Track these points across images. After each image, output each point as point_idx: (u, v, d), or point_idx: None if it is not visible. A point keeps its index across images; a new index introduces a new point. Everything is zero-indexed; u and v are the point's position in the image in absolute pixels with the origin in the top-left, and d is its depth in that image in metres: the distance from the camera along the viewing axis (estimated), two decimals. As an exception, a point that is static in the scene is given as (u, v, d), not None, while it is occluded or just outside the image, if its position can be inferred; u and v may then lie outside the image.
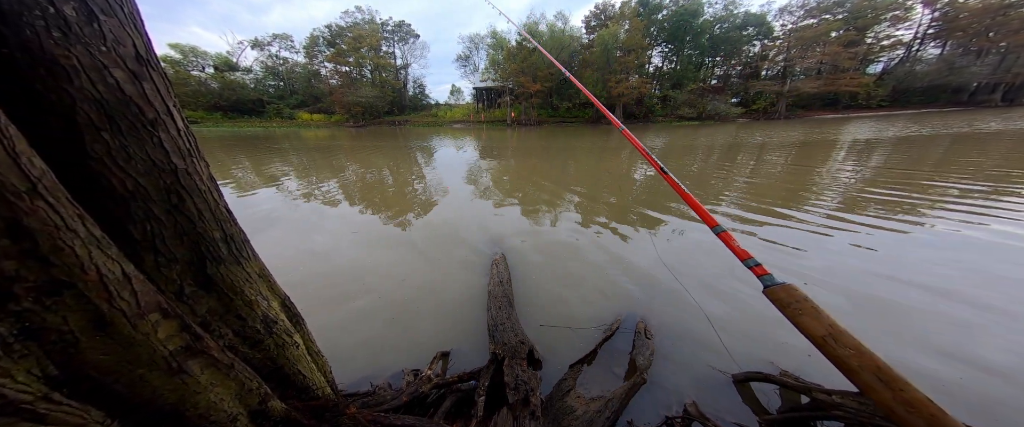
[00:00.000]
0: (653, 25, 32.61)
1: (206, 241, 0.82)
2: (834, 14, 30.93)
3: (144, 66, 0.68)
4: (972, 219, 4.06)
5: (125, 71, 0.64)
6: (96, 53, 0.60)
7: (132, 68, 0.65)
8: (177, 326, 0.69)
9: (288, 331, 1.02)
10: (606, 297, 2.66)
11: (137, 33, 0.67)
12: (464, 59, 40.43)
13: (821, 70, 32.31)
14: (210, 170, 0.86)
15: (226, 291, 0.86)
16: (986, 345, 2.03)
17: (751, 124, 25.31)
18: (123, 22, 0.65)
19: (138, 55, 0.67)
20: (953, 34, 30.80)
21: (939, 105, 30.82)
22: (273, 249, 3.74)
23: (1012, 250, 3.27)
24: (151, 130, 0.69)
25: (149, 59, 0.69)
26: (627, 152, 11.51)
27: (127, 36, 0.65)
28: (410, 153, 12.47)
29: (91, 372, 0.58)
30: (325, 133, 24.81)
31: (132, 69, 0.65)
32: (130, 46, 0.65)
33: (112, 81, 0.62)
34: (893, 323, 2.28)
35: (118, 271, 0.60)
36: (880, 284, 2.71)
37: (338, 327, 2.37)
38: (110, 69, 0.62)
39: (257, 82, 41.12)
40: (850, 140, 12.52)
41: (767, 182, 6.33)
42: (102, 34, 0.61)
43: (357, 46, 35.77)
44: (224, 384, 0.76)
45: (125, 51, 0.64)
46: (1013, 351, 1.98)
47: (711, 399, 1.70)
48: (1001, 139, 10.76)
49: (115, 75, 0.63)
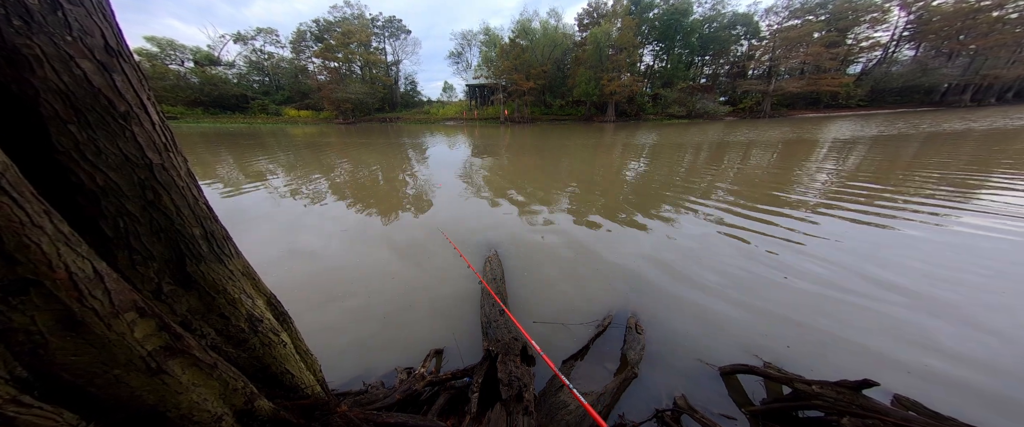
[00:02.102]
0: (644, 23, 32.93)
1: (185, 238, 0.79)
2: (817, 15, 31.87)
3: (114, 57, 0.65)
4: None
5: (93, 62, 0.61)
6: (61, 43, 0.57)
7: (101, 59, 0.62)
8: (155, 325, 0.66)
9: (274, 330, 1.00)
10: (598, 293, 2.70)
11: (106, 23, 0.64)
12: (456, 56, 40.00)
13: (804, 70, 33.28)
14: (189, 166, 0.83)
15: (207, 289, 0.84)
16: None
17: (738, 123, 25.93)
18: (90, 11, 0.61)
19: (107, 45, 0.64)
20: (926, 37, 32.17)
21: (913, 105, 32.21)
22: (261, 248, 3.65)
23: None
24: (123, 123, 0.66)
25: (120, 50, 0.66)
26: (619, 151, 11.63)
27: (95, 26, 0.62)
28: (402, 150, 12.31)
29: (63, 373, 0.56)
30: (314, 130, 24.22)
31: (101, 60, 0.62)
32: (98, 36, 0.62)
33: (79, 72, 0.59)
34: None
35: (88, 269, 0.57)
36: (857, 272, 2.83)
37: (329, 327, 2.33)
38: (76, 60, 0.59)
39: (241, 77, 39.76)
40: (831, 139, 12.96)
41: (753, 178, 6.50)
42: (67, 23, 0.58)
43: (346, 42, 34.95)
44: (207, 384, 0.74)
45: (93, 41, 0.61)
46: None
47: (699, 391, 1.75)
48: (967, 139, 11.32)
49: (82, 66, 0.60)
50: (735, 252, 3.38)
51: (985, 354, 1.97)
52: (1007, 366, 1.88)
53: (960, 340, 2.08)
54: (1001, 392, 1.72)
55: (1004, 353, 1.98)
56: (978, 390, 1.73)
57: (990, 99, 32.48)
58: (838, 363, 1.93)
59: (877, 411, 1.21)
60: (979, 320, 2.25)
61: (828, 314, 2.37)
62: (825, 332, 2.19)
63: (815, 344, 2.09)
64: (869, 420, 1.17)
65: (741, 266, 3.07)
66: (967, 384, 1.76)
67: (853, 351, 2.02)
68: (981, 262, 3.02)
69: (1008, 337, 2.10)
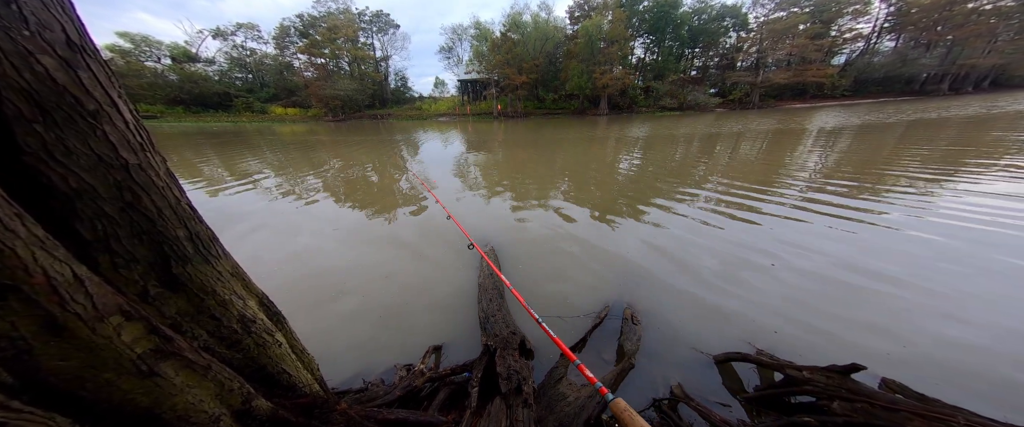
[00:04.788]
0: (635, 16, 32.88)
1: (168, 240, 0.76)
2: (802, 7, 32.31)
3: (78, 53, 0.61)
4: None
5: (55, 58, 0.58)
6: (18, 38, 0.54)
7: (63, 54, 0.59)
8: (144, 328, 0.64)
9: (268, 330, 0.98)
10: (594, 286, 2.72)
11: (66, 17, 0.61)
12: (447, 50, 39.28)
13: (791, 62, 33.84)
14: (168, 165, 0.80)
15: (196, 291, 0.81)
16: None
17: (728, 114, 26.27)
18: (47, 4, 0.58)
19: (69, 41, 0.60)
20: (906, 28, 33.00)
21: (894, 94, 33.12)
22: (252, 249, 3.57)
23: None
24: (93, 122, 0.63)
25: (83, 45, 0.63)
26: (612, 144, 11.68)
27: (53, 20, 0.58)
28: (394, 147, 12.12)
29: (51, 378, 0.54)
30: (302, 128, 23.65)
31: (63, 56, 0.59)
32: (58, 31, 0.59)
33: (40, 69, 0.56)
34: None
35: (68, 273, 0.55)
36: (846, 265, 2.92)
37: (327, 326, 2.31)
38: (36, 55, 0.56)
39: (222, 74, 38.39)
40: (817, 129, 13.25)
41: (744, 168, 6.62)
42: (22, 17, 0.54)
43: (332, 37, 33.98)
44: (202, 385, 0.72)
45: (53, 36, 0.58)
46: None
47: (695, 380, 1.79)
48: (945, 125, 11.72)
49: (43, 62, 0.56)
50: (726, 241, 3.45)
51: (971, 338, 2.06)
52: (990, 347, 1.97)
53: (945, 325, 2.17)
54: (980, 372, 1.80)
55: (990, 336, 2.07)
56: (963, 372, 1.81)
57: (967, 87, 33.60)
58: (826, 349, 2.00)
59: (865, 394, 1.25)
60: (965, 306, 2.35)
61: (816, 300, 2.44)
62: (813, 318, 2.26)
63: (804, 330, 2.16)
64: (857, 403, 1.20)
65: (732, 254, 3.14)
66: (952, 366, 1.84)
67: (841, 337, 2.09)
68: (969, 250, 3.14)
69: (994, 321, 2.20)
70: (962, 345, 1.96)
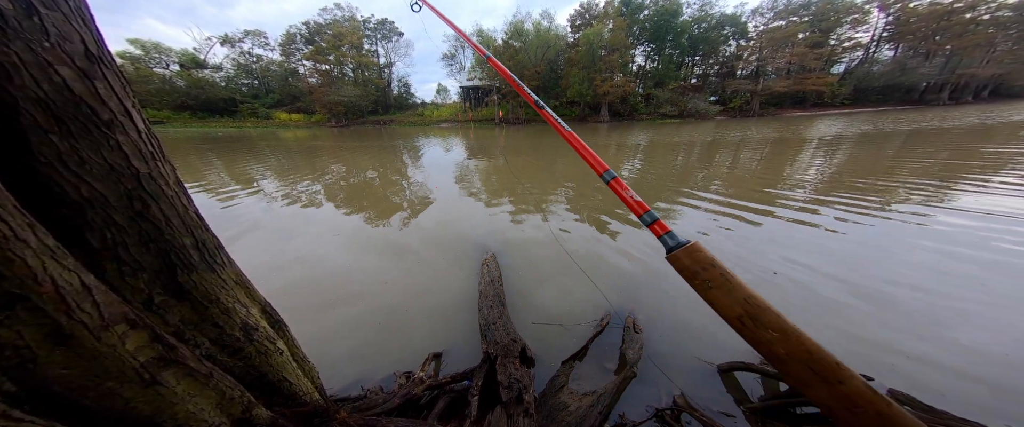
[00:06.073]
0: (636, 24, 33.41)
1: (175, 248, 0.77)
2: (801, 16, 32.79)
3: (95, 64, 0.63)
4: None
5: (73, 69, 0.60)
6: (38, 49, 0.55)
7: (81, 66, 0.61)
8: (147, 337, 0.65)
9: (270, 338, 0.98)
10: (595, 293, 2.71)
11: (86, 28, 0.63)
12: (450, 58, 39.91)
13: (790, 70, 34.14)
14: (177, 174, 0.82)
15: (200, 299, 0.82)
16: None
17: (728, 122, 26.39)
18: (68, 16, 0.60)
19: (88, 52, 0.62)
20: (904, 37, 33.39)
21: (893, 103, 33.28)
22: (254, 255, 3.58)
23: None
24: (107, 132, 0.64)
25: (101, 56, 0.64)
26: (613, 151, 11.74)
27: (74, 31, 0.60)
28: (397, 153, 12.22)
29: (54, 387, 0.55)
30: (306, 133, 23.89)
31: (81, 67, 0.61)
32: (78, 42, 0.61)
33: (58, 80, 0.58)
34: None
35: (76, 282, 0.56)
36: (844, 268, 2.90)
37: (326, 333, 2.29)
38: (55, 67, 0.57)
39: (229, 80, 39.08)
40: (817, 137, 13.28)
41: (745, 175, 6.63)
42: (44, 29, 0.56)
43: (337, 44, 34.66)
44: (203, 394, 0.72)
45: (72, 48, 0.60)
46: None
47: (698, 389, 1.76)
48: (944, 136, 11.73)
49: (62, 73, 0.58)
50: (727, 248, 3.44)
51: (984, 348, 2.03)
52: (1005, 355, 1.94)
53: (954, 334, 2.14)
54: (993, 382, 1.77)
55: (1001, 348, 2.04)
56: (972, 380, 1.78)
57: (967, 97, 33.76)
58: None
59: (870, 404, 1.23)
60: (973, 314, 2.32)
61: (819, 309, 2.42)
62: (817, 327, 2.23)
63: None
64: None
65: (734, 262, 3.12)
66: (960, 378, 1.81)
67: (846, 347, 2.07)
68: (974, 257, 3.12)
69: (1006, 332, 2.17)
70: (972, 354, 1.93)
